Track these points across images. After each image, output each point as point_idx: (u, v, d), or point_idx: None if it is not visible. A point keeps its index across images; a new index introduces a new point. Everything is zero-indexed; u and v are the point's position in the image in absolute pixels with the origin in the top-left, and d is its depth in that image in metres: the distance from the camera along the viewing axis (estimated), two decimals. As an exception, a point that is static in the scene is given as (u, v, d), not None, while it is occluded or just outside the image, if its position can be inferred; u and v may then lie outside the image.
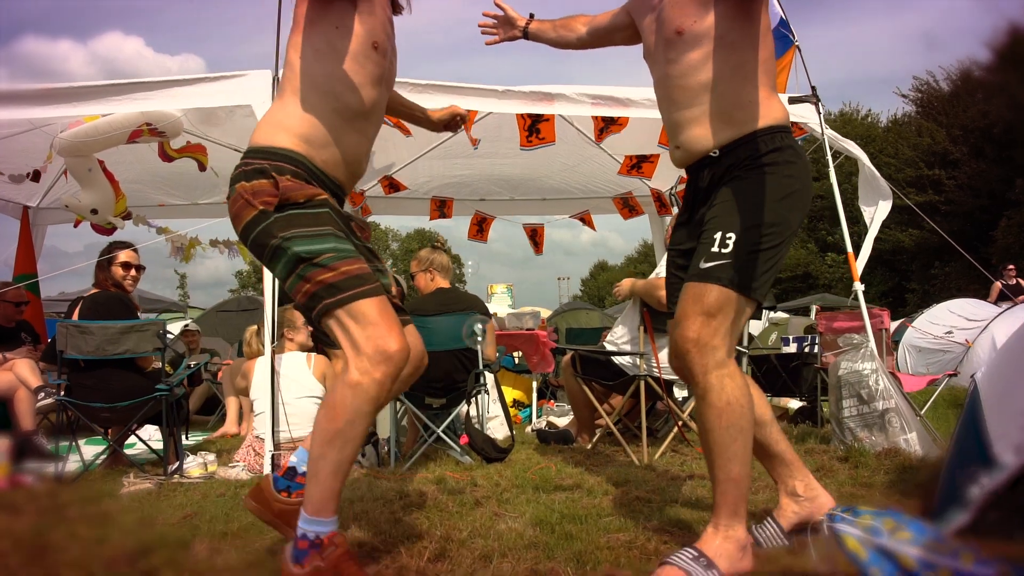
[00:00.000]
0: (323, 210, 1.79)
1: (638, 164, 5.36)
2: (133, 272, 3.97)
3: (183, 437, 4.88)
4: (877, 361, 3.74)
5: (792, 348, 5.47)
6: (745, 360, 4.72)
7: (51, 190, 6.46)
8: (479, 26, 2.54)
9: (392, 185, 6.59)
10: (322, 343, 4.70)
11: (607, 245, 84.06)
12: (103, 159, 5.20)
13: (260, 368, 3.58)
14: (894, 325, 19.11)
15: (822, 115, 4.12)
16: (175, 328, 13.87)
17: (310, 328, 3.94)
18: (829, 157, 4.10)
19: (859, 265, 4.02)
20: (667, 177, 6.42)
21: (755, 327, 21.66)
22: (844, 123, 32.06)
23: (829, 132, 4.12)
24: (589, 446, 4.15)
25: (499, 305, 6.66)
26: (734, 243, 1.85)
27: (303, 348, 3.83)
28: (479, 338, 3.77)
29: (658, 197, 6.91)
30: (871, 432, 3.65)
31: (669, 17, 2.00)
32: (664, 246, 7.66)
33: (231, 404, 5.48)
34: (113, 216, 5.22)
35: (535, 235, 7.29)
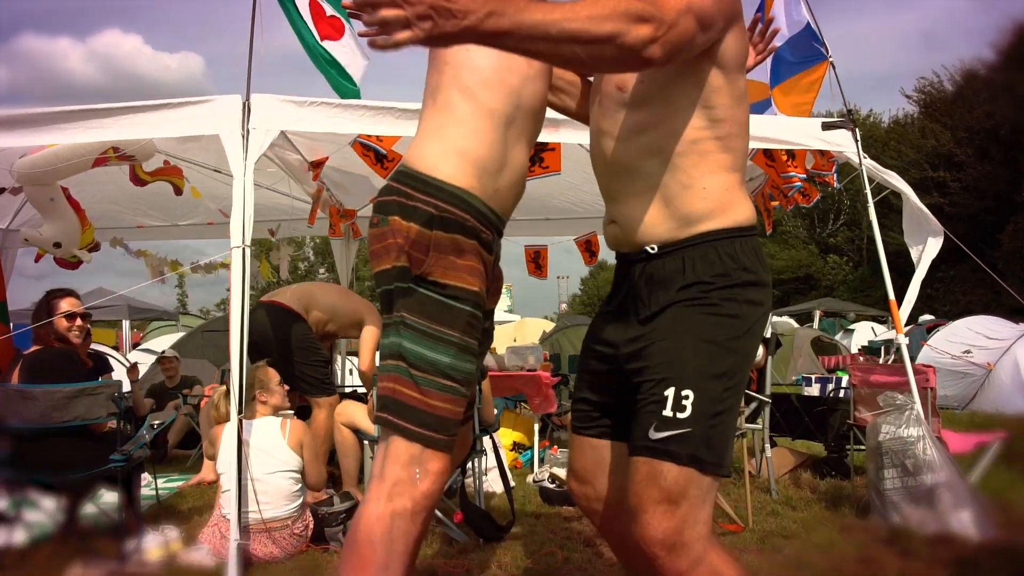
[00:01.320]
0: (463, 308, 1.49)
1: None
2: (79, 322, 3.53)
3: (154, 481, 4.53)
4: (924, 427, 3.32)
5: (815, 389, 5.06)
6: (767, 411, 4.31)
7: (21, 210, 6.03)
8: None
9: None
10: (304, 391, 4.29)
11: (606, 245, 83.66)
12: (67, 186, 4.78)
13: (227, 437, 3.16)
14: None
15: (859, 142, 3.70)
16: (163, 342, 13.49)
17: (286, 387, 3.52)
18: (868, 192, 3.67)
19: (903, 314, 3.60)
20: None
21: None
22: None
23: (868, 162, 3.70)
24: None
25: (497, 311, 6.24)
26: (692, 403, 1.38)
27: (278, 411, 3.41)
28: (476, 403, 3.35)
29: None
30: (918, 508, 3.24)
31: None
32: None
33: (209, 447, 5.04)
34: (79, 248, 4.80)
35: (537, 257, 6.87)
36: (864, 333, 20.07)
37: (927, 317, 18.25)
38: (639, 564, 1.53)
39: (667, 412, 1.38)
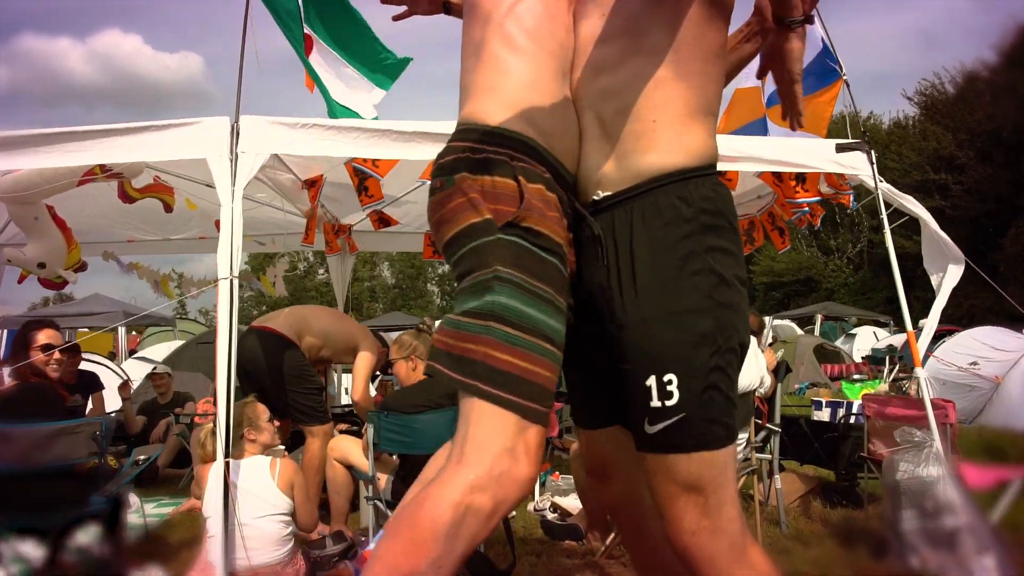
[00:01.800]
0: (554, 261, 1.32)
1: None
2: (57, 355, 3.37)
3: (141, 508, 4.39)
4: (944, 466, 3.17)
5: (824, 414, 4.91)
6: (776, 440, 4.15)
7: (7, 227, 5.88)
8: None
9: (382, 220, 6.02)
10: (297, 420, 4.14)
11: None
12: (53, 204, 4.63)
13: (214, 479, 3.00)
14: (901, 338, 18.66)
15: (875, 165, 3.55)
16: (159, 351, 13.33)
17: (277, 423, 3.37)
18: (884, 217, 3.52)
19: (922, 345, 3.45)
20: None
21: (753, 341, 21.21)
22: (845, 126, 31.54)
23: (884, 186, 3.54)
24: (602, 548, 3.60)
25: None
26: (678, 386, 1.26)
27: (267, 450, 3.26)
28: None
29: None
30: (938, 552, 3.09)
31: None
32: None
33: (195, 487, 4.89)
34: (64, 268, 4.64)
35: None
36: (866, 338, 19.93)
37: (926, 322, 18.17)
38: (666, 562, 1.43)
39: (655, 403, 1.28)
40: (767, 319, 22.69)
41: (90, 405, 6.24)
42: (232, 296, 3.05)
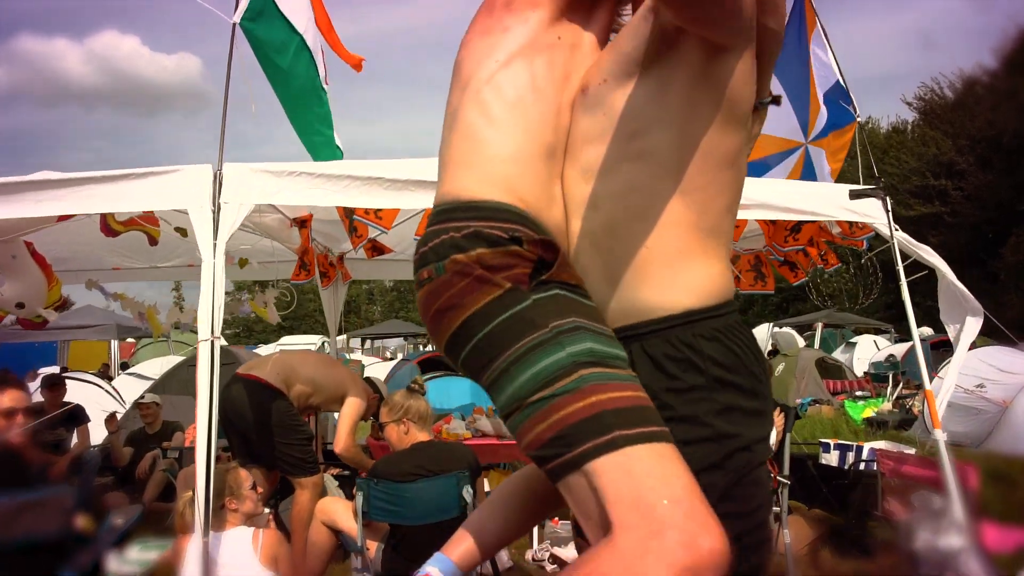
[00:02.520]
0: (592, 304, 1.16)
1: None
2: (20, 419, 3.15)
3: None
4: (965, 537, 3.00)
5: (833, 457, 4.74)
6: (785, 492, 3.98)
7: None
8: None
9: (376, 248, 5.85)
10: (285, 471, 3.97)
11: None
12: (33, 238, 4.45)
13: (192, 555, 2.82)
14: (903, 348, 18.51)
15: (890, 213, 3.38)
16: (152, 366, 13.14)
17: (260, 490, 3.19)
18: (900, 268, 3.35)
19: (941, 406, 3.28)
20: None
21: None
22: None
23: (900, 235, 3.37)
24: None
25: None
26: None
27: (249, 519, 3.08)
28: (469, 504, 3.02)
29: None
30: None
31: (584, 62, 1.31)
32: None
33: (171, 555, 4.70)
34: (45, 308, 4.46)
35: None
36: (866, 347, 19.80)
37: (927, 331, 17.97)
38: None
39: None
40: (768, 326, 22.51)
41: (75, 439, 6.08)
42: (213, 358, 2.87)
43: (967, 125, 27.52)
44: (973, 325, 3.46)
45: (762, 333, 22.47)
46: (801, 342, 23.61)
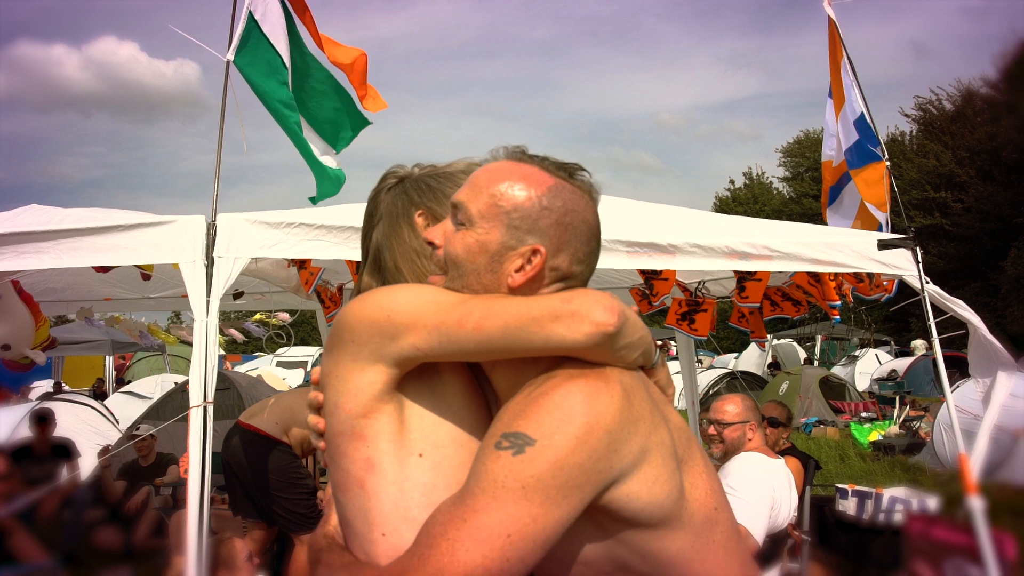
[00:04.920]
0: None
1: (689, 315, 4.40)
2: (4, 486, 2.99)
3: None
4: (1006, 614, 2.83)
5: (851, 504, 4.55)
6: (806, 548, 3.80)
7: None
8: None
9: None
10: (285, 527, 3.79)
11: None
12: (18, 278, 4.26)
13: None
14: (906, 363, 18.32)
15: (920, 263, 3.21)
16: (147, 384, 12.94)
17: (257, 560, 3.01)
18: (932, 324, 3.18)
19: (975, 461, 3.11)
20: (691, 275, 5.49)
21: (753, 363, 20.80)
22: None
23: (931, 288, 3.21)
24: None
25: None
26: None
27: (244, 594, 2.90)
28: None
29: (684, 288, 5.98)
30: None
31: None
32: (688, 348, 6.73)
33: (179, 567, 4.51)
34: (32, 348, 4.27)
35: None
36: (868, 361, 19.64)
37: (922, 343, 17.84)
38: None
39: None
40: (768, 338, 22.36)
41: (64, 474, 5.89)
42: (206, 426, 2.69)
43: (967, 137, 27.46)
44: (1005, 381, 3.30)
45: (758, 354, 22.32)
46: (802, 354, 23.45)
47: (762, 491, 2.98)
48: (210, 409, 2.73)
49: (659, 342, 2.74)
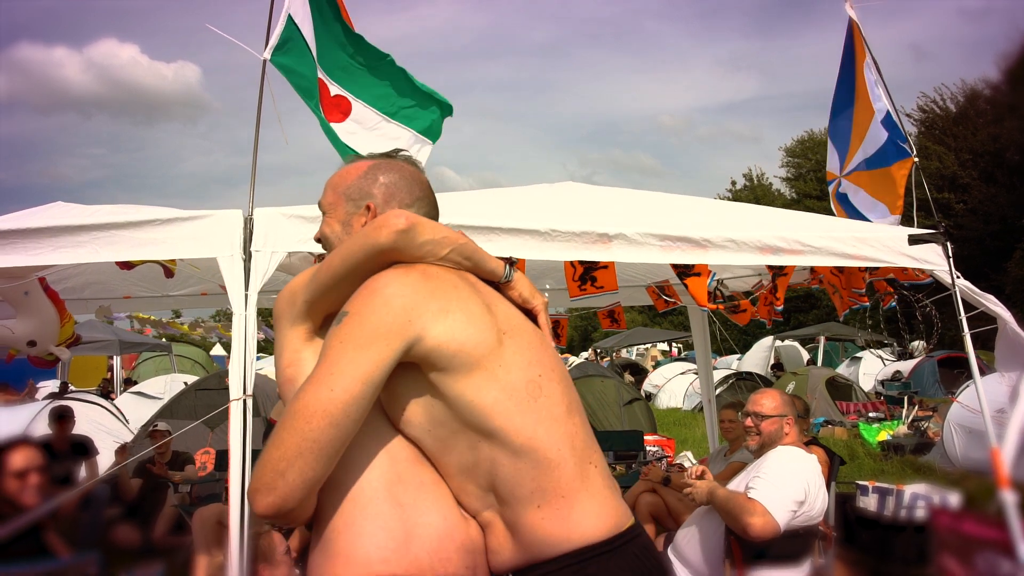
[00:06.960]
0: None
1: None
2: (33, 480, 2.98)
3: None
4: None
5: (871, 501, 4.56)
6: (833, 546, 3.82)
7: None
8: None
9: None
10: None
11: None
12: (44, 275, 4.27)
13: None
14: (909, 364, 18.28)
15: (951, 259, 3.23)
16: (156, 384, 12.91)
17: (295, 555, 3.02)
18: (963, 319, 3.20)
19: (1007, 454, 3.12)
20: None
21: (756, 364, 20.80)
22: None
23: (962, 283, 3.22)
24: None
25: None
26: None
27: (283, 587, 2.91)
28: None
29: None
30: None
31: None
32: (706, 345, 6.76)
33: (200, 566, 4.52)
34: (56, 345, 4.28)
35: (557, 327, 6.38)
36: (872, 363, 19.62)
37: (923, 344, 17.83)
38: None
39: None
40: (771, 339, 22.31)
41: (83, 472, 5.89)
42: (246, 419, 2.70)
43: (970, 139, 27.49)
44: (1036, 377, 3.31)
45: (765, 346, 22.33)
46: (804, 355, 23.44)
47: (795, 481, 2.98)
48: (249, 402, 2.74)
49: (513, 259, 2.82)
